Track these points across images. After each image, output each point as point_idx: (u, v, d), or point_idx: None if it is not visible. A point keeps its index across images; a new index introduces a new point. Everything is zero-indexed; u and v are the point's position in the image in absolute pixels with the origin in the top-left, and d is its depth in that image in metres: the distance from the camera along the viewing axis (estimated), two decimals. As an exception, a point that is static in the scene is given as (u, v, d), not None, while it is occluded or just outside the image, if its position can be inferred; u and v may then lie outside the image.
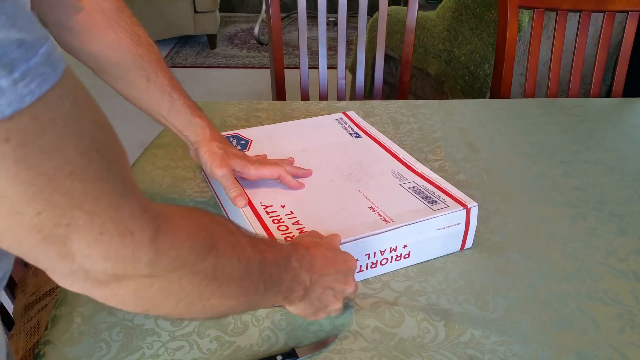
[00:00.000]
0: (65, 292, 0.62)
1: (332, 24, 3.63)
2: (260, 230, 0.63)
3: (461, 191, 0.71)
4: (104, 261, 0.33)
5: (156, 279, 0.36)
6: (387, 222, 0.65)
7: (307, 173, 0.75)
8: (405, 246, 0.65)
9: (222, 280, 0.41)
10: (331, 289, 0.55)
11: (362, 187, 0.72)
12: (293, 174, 0.73)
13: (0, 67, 0.25)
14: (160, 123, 0.73)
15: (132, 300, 0.37)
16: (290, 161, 0.76)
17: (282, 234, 0.63)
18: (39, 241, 0.30)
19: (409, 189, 0.71)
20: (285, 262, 0.49)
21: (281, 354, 0.54)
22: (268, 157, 0.77)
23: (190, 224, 0.39)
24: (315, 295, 0.54)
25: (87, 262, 0.32)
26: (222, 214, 0.75)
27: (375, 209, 0.68)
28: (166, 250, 0.35)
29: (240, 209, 0.67)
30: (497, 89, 1.30)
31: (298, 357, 0.55)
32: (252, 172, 0.71)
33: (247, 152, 0.80)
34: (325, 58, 1.29)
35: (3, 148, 0.26)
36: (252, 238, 0.46)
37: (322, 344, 0.56)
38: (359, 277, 0.64)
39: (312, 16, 1.28)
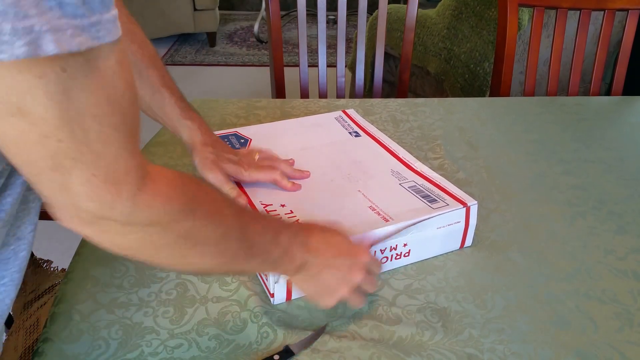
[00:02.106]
0: (64, 290, 0.62)
1: (332, 22, 3.62)
2: None
3: (461, 190, 0.71)
4: (88, 201, 0.37)
5: (131, 229, 0.40)
6: (387, 221, 0.65)
7: (304, 175, 0.74)
8: (405, 245, 0.65)
9: (196, 241, 0.45)
10: (332, 272, 0.56)
11: (361, 187, 0.72)
12: (290, 176, 0.73)
13: (86, 8, 0.30)
14: (157, 121, 0.73)
15: (113, 242, 0.41)
16: (290, 162, 0.76)
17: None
18: (49, 167, 0.34)
19: (408, 188, 0.71)
20: (273, 236, 0.52)
21: (277, 353, 0.54)
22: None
23: (174, 190, 0.42)
24: (313, 273, 0.55)
25: (76, 199, 0.36)
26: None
27: (375, 208, 0.68)
28: (142, 207, 0.39)
29: None
30: (497, 88, 1.30)
31: (294, 354, 0.55)
32: (246, 177, 0.71)
33: (249, 147, 0.80)
34: (325, 56, 1.29)
35: (59, 76, 0.31)
36: (240, 209, 0.50)
37: (313, 336, 0.57)
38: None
39: (312, 14, 1.27)
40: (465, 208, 0.67)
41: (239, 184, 0.72)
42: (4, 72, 0.30)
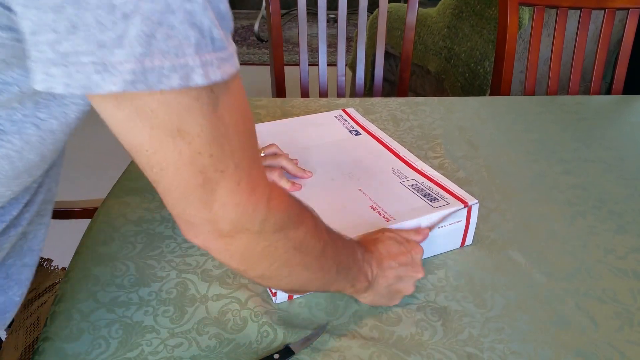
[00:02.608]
0: (64, 289, 0.62)
1: (332, 21, 3.62)
2: None
3: (461, 188, 0.71)
4: (235, 209, 0.40)
5: (261, 238, 0.43)
6: (388, 220, 0.65)
7: (306, 175, 0.74)
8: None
9: (305, 253, 0.48)
10: (398, 279, 0.59)
11: (362, 186, 0.72)
12: (293, 174, 0.73)
13: (227, 41, 0.36)
14: None
15: (238, 257, 0.44)
16: (293, 162, 0.76)
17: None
18: (198, 184, 0.38)
19: (409, 187, 0.71)
20: (351, 253, 0.55)
21: (277, 352, 0.54)
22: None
23: (288, 197, 0.46)
24: (381, 287, 0.58)
25: (220, 210, 0.40)
26: None
27: (376, 207, 0.68)
28: (274, 211, 0.43)
29: None
30: (497, 87, 1.30)
31: (294, 353, 0.55)
32: None
33: None
34: (325, 55, 1.29)
35: (210, 96, 0.36)
36: (327, 226, 0.53)
37: (313, 336, 0.57)
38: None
39: (312, 13, 1.27)
40: (466, 207, 0.67)
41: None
42: (169, 98, 0.34)
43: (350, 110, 0.93)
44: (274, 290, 0.60)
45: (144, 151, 0.37)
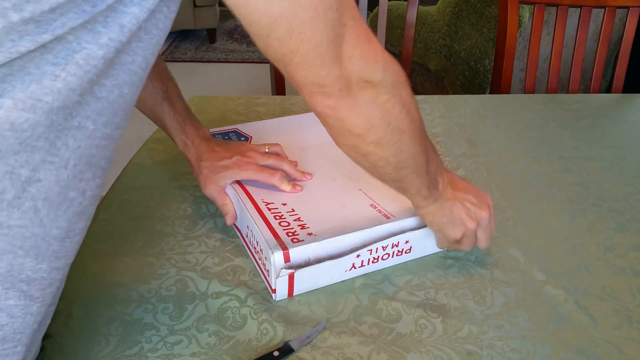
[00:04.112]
0: (64, 286, 0.62)
1: (332, 19, 3.61)
2: (263, 227, 0.63)
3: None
4: (360, 60, 0.44)
5: (382, 90, 0.47)
6: (387, 217, 0.65)
7: (306, 178, 0.74)
8: (407, 242, 0.65)
9: (412, 116, 0.51)
10: (463, 206, 0.62)
11: (362, 186, 0.72)
12: (292, 178, 0.73)
13: None
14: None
15: (364, 113, 0.47)
16: (293, 164, 0.75)
17: (284, 230, 0.63)
18: (330, 39, 0.41)
19: (408, 185, 0.71)
20: (432, 156, 0.58)
21: (277, 350, 0.55)
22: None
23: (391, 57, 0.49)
24: (447, 205, 0.61)
25: (349, 63, 0.44)
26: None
27: (376, 206, 0.68)
28: (389, 62, 0.47)
29: (244, 205, 0.67)
30: (497, 85, 1.30)
31: (294, 351, 0.55)
32: (244, 178, 0.71)
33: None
34: (325, 53, 1.29)
35: None
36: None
37: (313, 333, 0.57)
38: (360, 271, 0.64)
39: (312, 11, 1.27)
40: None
41: (239, 182, 0.72)
42: None
43: None
44: (273, 287, 0.60)
45: (284, 19, 0.39)
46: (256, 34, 0.41)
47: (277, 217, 0.65)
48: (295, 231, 0.62)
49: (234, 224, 0.72)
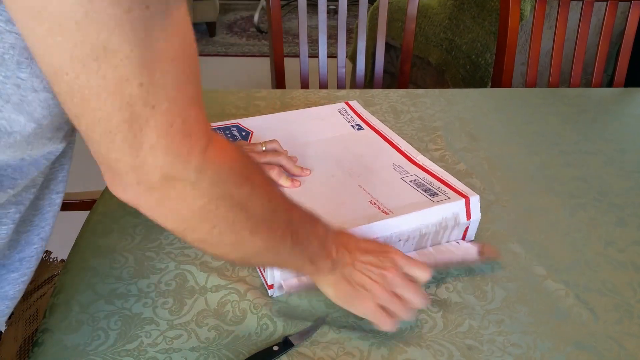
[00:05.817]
0: (63, 280, 0.62)
1: (333, 12, 3.60)
2: None
3: (461, 181, 0.71)
4: (164, 154, 0.36)
5: (198, 192, 0.39)
6: (386, 213, 0.65)
7: (305, 174, 0.73)
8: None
9: (251, 213, 0.43)
10: (363, 269, 0.53)
11: (362, 182, 0.72)
12: (290, 173, 0.72)
13: None
14: None
15: (174, 215, 0.40)
16: (293, 160, 0.75)
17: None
18: (124, 119, 0.33)
19: (410, 182, 0.71)
20: (312, 225, 0.51)
21: (277, 344, 0.54)
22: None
23: (234, 151, 0.42)
24: (346, 272, 0.53)
25: (148, 155, 0.35)
26: None
27: (375, 202, 0.67)
28: (212, 162, 0.39)
29: None
30: (499, 79, 1.29)
31: (294, 345, 0.55)
32: None
33: (251, 140, 0.80)
34: (326, 46, 1.28)
35: (144, 13, 0.32)
36: (285, 194, 0.48)
37: (313, 328, 0.57)
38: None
39: (313, 4, 1.27)
40: (465, 201, 0.67)
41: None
42: (96, 6, 0.30)
43: (353, 103, 0.92)
44: (269, 283, 0.60)
45: (64, 75, 0.32)
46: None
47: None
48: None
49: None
